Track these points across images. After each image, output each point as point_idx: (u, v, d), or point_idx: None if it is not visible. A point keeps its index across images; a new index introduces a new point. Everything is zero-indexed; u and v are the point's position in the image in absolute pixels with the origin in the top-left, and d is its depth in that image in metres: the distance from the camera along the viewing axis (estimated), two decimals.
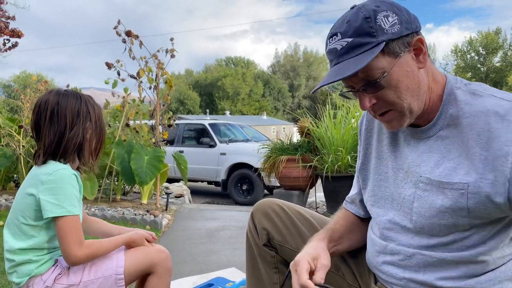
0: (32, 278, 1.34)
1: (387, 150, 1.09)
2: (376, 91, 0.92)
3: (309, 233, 1.28)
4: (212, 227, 3.98)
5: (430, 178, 0.95)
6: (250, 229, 1.35)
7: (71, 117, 1.41)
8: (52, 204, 1.30)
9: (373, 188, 1.11)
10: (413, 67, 0.93)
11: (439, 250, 0.95)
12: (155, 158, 4.68)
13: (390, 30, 0.89)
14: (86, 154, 1.44)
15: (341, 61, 0.91)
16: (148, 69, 5.09)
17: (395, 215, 1.03)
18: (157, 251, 1.53)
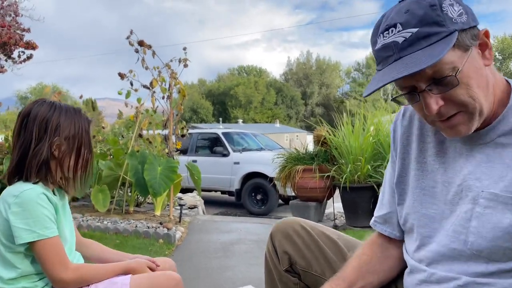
0: None
1: (434, 161, 0.95)
2: (447, 89, 0.79)
3: (336, 257, 1.15)
4: (226, 240, 3.85)
5: (496, 193, 0.81)
6: (269, 252, 1.23)
7: (37, 129, 1.28)
8: (23, 230, 1.18)
9: (414, 204, 0.97)
10: (481, 63, 0.82)
11: (500, 278, 0.81)
12: (168, 168, 4.60)
13: (458, 19, 0.78)
14: (56, 174, 1.30)
15: (405, 55, 0.78)
16: (161, 78, 5.04)
17: (444, 237, 0.89)
18: (167, 278, 1.40)
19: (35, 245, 1.20)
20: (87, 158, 1.35)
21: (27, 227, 1.19)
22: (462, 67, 0.77)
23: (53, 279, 1.23)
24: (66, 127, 1.30)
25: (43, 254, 1.21)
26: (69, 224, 1.38)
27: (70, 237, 1.37)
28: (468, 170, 0.87)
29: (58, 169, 1.31)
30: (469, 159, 0.88)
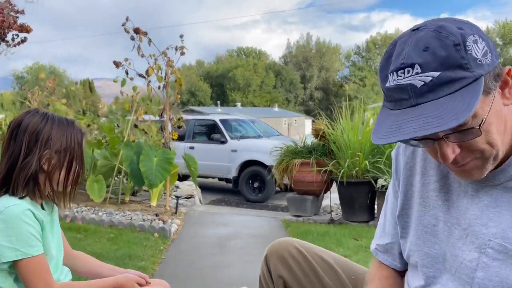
0: None
1: (436, 197, 0.89)
2: (466, 139, 0.71)
3: (332, 283, 1.11)
4: (222, 234, 3.83)
5: (506, 246, 0.75)
6: (264, 275, 1.18)
7: (27, 141, 1.22)
8: (6, 248, 1.13)
9: (417, 242, 0.91)
10: (501, 104, 0.74)
11: None
12: (164, 160, 4.55)
13: (483, 60, 0.69)
14: (44, 188, 1.24)
15: (423, 103, 0.69)
16: (157, 66, 4.93)
17: (450, 282, 0.83)
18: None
19: (18, 264, 1.16)
20: (78, 171, 1.29)
21: (10, 245, 1.14)
22: (487, 117, 0.70)
23: None
24: (57, 140, 1.23)
25: (26, 273, 1.17)
26: (56, 239, 1.33)
27: (57, 252, 1.32)
28: (474, 214, 0.81)
29: (47, 183, 1.25)
30: (474, 200, 0.82)
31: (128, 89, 5.17)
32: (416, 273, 0.94)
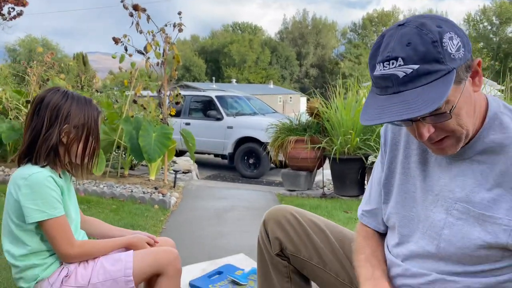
0: (39, 283, 1.35)
1: (415, 168, 1.04)
2: (439, 121, 0.86)
3: (322, 244, 1.27)
4: (220, 207, 4.01)
5: (468, 208, 0.91)
6: (262, 237, 1.34)
7: (49, 116, 1.36)
8: (33, 210, 1.28)
9: (397, 205, 1.07)
10: (471, 91, 0.88)
11: (465, 277, 0.93)
12: (162, 135, 4.67)
13: (457, 55, 0.82)
14: (63, 159, 1.39)
15: (404, 91, 0.82)
16: (156, 43, 4.99)
17: (420, 238, 0.99)
18: (165, 252, 1.52)
19: (44, 224, 1.31)
20: (94, 146, 1.43)
21: (36, 207, 1.29)
22: (457, 103, 0.83)
23: (60, 254, 1.35)
24: (76, 116, 1.37)
25: (51, 232, 1.32)
26: (74, 205, 1.48)
27: (75, 216, 1.47)
28: (445, 182, 0.96)
29: (66, 154, 1.40)
30: (446, 171, 0.97)
31: (124, 64, 5.23)
32: (393, 233, 1.10)
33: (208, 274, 2.26)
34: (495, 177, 0.90)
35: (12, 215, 1.33)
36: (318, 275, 1.26)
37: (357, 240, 1.19)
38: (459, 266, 0.93)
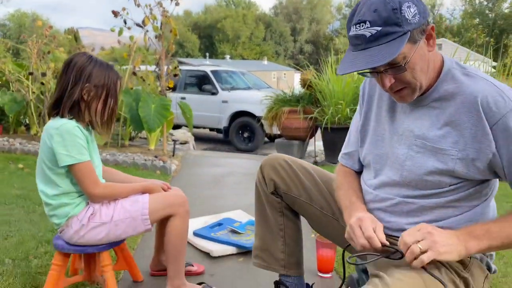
0: (70, 219, 1.59)
1: (386, 115, 1.28)
2: (397, 73, 1.08)
3: (310, 184, 1.51)
4: (217, 173, 4.26)
5: (425, 143, 1.15)
6: (259, 180, 1.58)
7: (74, 75, 1.58)
8: (63, 155, 1.52)
9: (370, 146, 1.31)
10: (425, 50, 1.09)
11: (421, 199, 1.17)
12: (161, 106, 4.87)
13: (412, 20, 1.03)
14: (85, 114, 1.61)
15: (370, 47, 1.03)
16: (153, 16, 5.12)
17: (388, 170, 1.24)
18: (176, 196, 1.77)
19: (73, 167, 1.54)
20: (112, 107, 1.65)
21: (66, 153, 1.52)
22: (411, 58, 1.06)
23: (88, 194, 1.59)
24: (97, 77, 1.58)
25: (79, 174, 1.55)
26: (96, 155, 1.70)
27: (98, 164, 1.70)
28: (407, 124, 1.20)
29: (86, 110, 1.61)
30: (409, 116, 1.21)
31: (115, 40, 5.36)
32: (368, 170, 1.34)
33: (210, 225, 2.53)
34: (445, 118, 1.13)
35: (46, 160, 1.55)
36: (306, 209, 1.51)
37: (337, 179, 1.44)
38: (417, 191, 1.18)
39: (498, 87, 1.09)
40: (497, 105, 1.05)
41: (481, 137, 1.06)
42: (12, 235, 2.31)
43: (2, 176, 3.63)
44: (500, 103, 1.05)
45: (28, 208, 2.79)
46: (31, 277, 1.87)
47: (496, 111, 1.05)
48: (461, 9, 50.86)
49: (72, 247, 1.64)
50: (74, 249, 1.64)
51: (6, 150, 4.87)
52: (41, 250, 2.15)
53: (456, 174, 1.12)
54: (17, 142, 5.18)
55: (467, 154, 1.08)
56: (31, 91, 5.40)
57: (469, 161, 1.09)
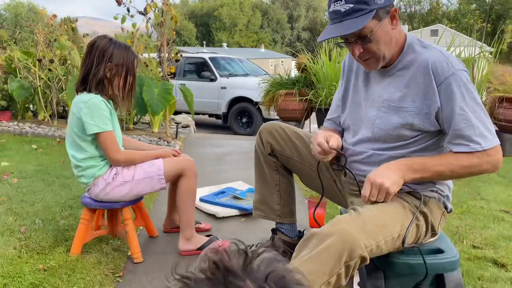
0: (96, 178, 1.87)
1: (362, 84, 1.54)
2: (365, 44, 1.34)
3: (301, 145, 1.79)
4: (219, 152, 4.54)
5: (390, 104, 1.42)
6: (258, 143, 1.86)
7: (97, 56, 1.84)
8: (91, 124, 1.79)
9: (350, 111, 1.58)
10: (389, 28, 1.36)
11: (388, 151, 1.45)
12: (164, 90, 5.11)
13: (378, 1, 1.29)
14: (109, 90, 1.87)
15: (344, 20, 1.29)
16: (154, 4, 5.33)
17: (363, 130, 1.51)
18: (186, 160, 2.05)
19: (98, 135, 1.81)
20: (131, 82, 1.91)
21: (93, 123, 1.78)
22: (375, 32, 1.32)
23: (110, 159, 1.86)
24: (117, 57, 1.84)
25: (103, 141, 1.82)
26: (117, 126, 1.97)
27: (118, 133, 1.96)
28: (378, 91, 1.47)
29: (109, 86, 1.88)
30: (379, 84, 1.47)
31: (111, 29, 5.56)
32: (348, 132, 1.62)
33: (214, 193, 2.81)
34: (406, 82, 1.40)
35: (76, 129, 1.82)
36: (298, 167, 1.79)
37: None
38: (385, 144, 1.46)
39: (445, 55, 1.36)
40: (442, 69, 1.32)
41: (431, 95, 1.33)
42: (38, 202, 2.59)
43: (19, 156, 3.90)
44: (444, 68, 1.32)
45: (48, 181, 3.06)
46: (60, 233, 2.15)
47: (441, 74, 1.32)
48: None
49: (98, 203, 1.92)
50: (101, 205, 1.92)
51: (18, 133, 5.12)
52: (66, 213, 2.43)
53: (415, 127, 1.39)
54: (27, 126, 5.43)
55: (422, 109, 1.36)
56: (39, 77, 5.63)
57: (423, 115, 1.36)
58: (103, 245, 2.06)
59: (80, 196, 2.69)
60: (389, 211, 1.32)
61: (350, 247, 1.15)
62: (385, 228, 1.27)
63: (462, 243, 2.07)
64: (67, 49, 5.57)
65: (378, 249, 1.25)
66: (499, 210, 2.58)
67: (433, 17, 53.94)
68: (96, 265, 1.84)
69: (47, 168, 3.44)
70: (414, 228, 1.37)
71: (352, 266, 1.17)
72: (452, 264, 1.44)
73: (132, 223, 1.96)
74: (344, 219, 1.23)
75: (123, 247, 2.06)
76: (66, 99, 5.83)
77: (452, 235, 2.17)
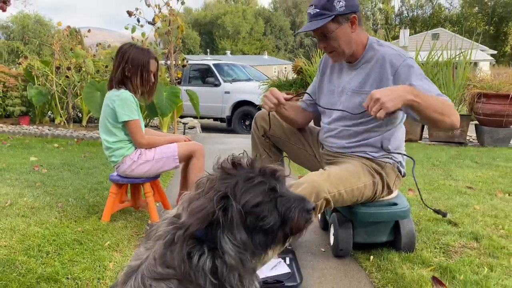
0: (124, 158, 2.30)
1: (336, 76, 1.96)
2: (326, 40, 1.77)
3: (288, 128, 2.20)
4: (224, 148, 4.97)
5: (354, 89, 1.84)
6: (253, 128, 2.27)
7: (119, 59, 2.28)
8: (122, 114, 2.22)
9: (326, 98, 1.99)
10: (349, 31, 1.77)
11: (354, 126, 1.86)
12: (172, 94, 5.55)
13: (339, 9, 1.71)
14: (131, 87, 2.30)
15: (312, 21, 1.75)
16: (162, 15, 5.80)
17: (336, 112, 1.93)
18: (195, 144, 2.47)
19: (128, 123, 2.24)
20: (148, 80, 2.33)
21: (124, 112, 2.22)
22: (335, 32, 1.74)
23: (136, 142, 2.28)
24: (134, 59, 2.27)
25: (131, 128, 2.25)
26: (141, 116, 2.39)
27: (142, 122, 2.39)
28: (346, 80, 1.89)
29: (130, 84, 2.30)
30: (348, 75, 1.89)
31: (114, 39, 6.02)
32: (325, 115, 2.03)
33: None
34: (367, 72, 1.82)
35: (109, 118, 2.26)
36: (286, 146, 2.21)
37: None
38: (351, 121, 1.87)
39: (395, 49, 1.78)
40: (396, 59, 1.74)
41: (386, 80, 1.75)
42: (68, 186, 3.02)
43: (44, 152, 4.35)
44: (397, 58, 1.73)
45: (74, 171, 3.50)
46: (90, 207, 2.57)
47: (396, 63, 1.73)
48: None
49: (124, 179, 2.34)
50: (127, 180, 2.35)
51: (38, 135, 5.58)
52: (93, 193, 2.86)
53: None
54: (46, 128, 5.90)
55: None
56: (56, 84, 6.10)
57: None
58: (127, 215, 2.48)
59: (103, 182, 3.13)
60: (350, 169, 1.74)
61: (317, 191, 1.57)
62: (346, 180, 1.68)
63: (425, 210, 2.47)
64: (82, 57, 6.04)
65: (340, 196, 1.66)
66: (464, 187, 2.97)
67: (436, 20, 54.28)
68: (123, 228, 2.26)
69: (71, 161, 3.89)
70: (371, 184, 1.78)
71: (319, 205, 1.58)
72: (404, 213, 1.85)
73: (152, 196, 2.38)
74: (313, 173, 1.65)
75: (143, 217, 2.48)
76: (80, 104, 6.30)
77: (419, 204, 2.57)
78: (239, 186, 0.90)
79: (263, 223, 0.90)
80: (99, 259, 1.85)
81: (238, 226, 0.89)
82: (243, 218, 0.89)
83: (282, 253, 1.82)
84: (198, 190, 0.94)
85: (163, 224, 0.94)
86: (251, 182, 0.91)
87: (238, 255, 0.88)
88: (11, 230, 2.16)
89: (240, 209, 0.88)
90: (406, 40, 13.39)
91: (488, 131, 4.67)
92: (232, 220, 0.88)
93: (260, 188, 0.91)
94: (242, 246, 0.89)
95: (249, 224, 0.90)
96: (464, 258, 1.85)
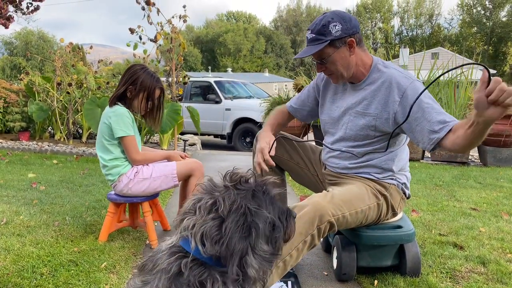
0: (120, 176, 2.25)
1: (339, 96, 1.93)
2: (323, 64, 1.75)
3: (290, 148, 2.17)
4: (223, 165, 4.92)
5: (358, 110, 1.80)
6: (255, 145, 2.24)
7: (126, 78, 2.26)
8: (117, 129, 2.19)
9: (328, 117, 1.96)
10: (347, 54, 1.75)
11: (356, 148, 1.83)
12: (173, 111, 5.54)
13: (334, 34, 1.69)
14: (131, 107, 2.27)
15: (308, 45, 1.73)
16: (164, 32, 5.83)
17: (339, 132, 1.89)
18: (194, 162, 2.43)
19: (123, 139, 2.20)
20: (151, 107, 2.30)
21: (119, 128, 2.19)
22: (332, 56, 1.71)
23: (131, 159, 2.25)
24: (141, 83, 2.24)
25: (126, 144, 2.22)
26: (137, 133, 2.36)
27: (138, 139, 2.35)
28: (350, 100, 1.86)
29: (129, 104, 2.28)
30: (352, 95, 1.86)
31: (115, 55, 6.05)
32: (328, 135, 2.00)
33: None
34: (371, 94, 1.79)
35: (105, 135, 2.22)
36: (288, 165, 2.17)
37: (275, 110, 2.14)
38: (354, 142, 1.84)
39: (403, 73, 1.75)
40: (403, 82, 1.70)
41: (392, 102, 1.71)
42: (66, 204, 2.97)
43: (43, 169, 4.31)
44: (405, 81, 1.70)
45: (72, 188, 3.45)
46: (88, 226, 2.52)
47: (403, 85, 1.70)
48: (459, 18, 51.68)
49: (122, 198, 2.29)
50: (124, 199, 2.30)
51: (38, 151, 5.55)
52: (90, 212, 2.81)
53: (378, 128, 1.77)
54: (45, 144, 5.87)
55: (383, 115, 1.74)
56: (57, 99, 6.10)
57: (384, 120, 1.74)
58: (125, 235, 2.42)
59: (101, 200, 3.08)
60: (354, 190, 1.70)
61: (320, 214, 1.52)
62: (350, 202, 1.63)
63: (430, 232, 2.41)
64: (83, 74, 6.06)
65: (344, 219, 1.61)
66: (468, 208, 2.92)
67: (435, 40, 54.91)
68: (120, 249, 2.20)
69: (69, 178, 3.84)
70: (375, 206, 1.74)
71: (322, 229, 1.53)
72: (409, 236, 1.79)
73: (150, 215, 2.33)
74: (317, 195, 1.61)
75: (141, 237, 2.42)
76: (81, 120, 6.29)
77: (423, 226, 2.52)
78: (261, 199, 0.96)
79: (277, 233, 0.93)
80: (95, 281, 1.79)
81: (262, 237, 0.90)
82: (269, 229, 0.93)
83: (285, 276, 1.76)
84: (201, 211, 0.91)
85: (164, 256, 0.89)
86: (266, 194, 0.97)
87: (261, 267, 0.88)
88: (5, 250, 2.10)
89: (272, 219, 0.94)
90: (405, 59, 13.49)
91: (491, 151, 4.64)
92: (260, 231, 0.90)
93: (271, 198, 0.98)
94: (267, 257, 0.89)
95: (268, 234, 0.92)
96: (471, 283, 1.79)
